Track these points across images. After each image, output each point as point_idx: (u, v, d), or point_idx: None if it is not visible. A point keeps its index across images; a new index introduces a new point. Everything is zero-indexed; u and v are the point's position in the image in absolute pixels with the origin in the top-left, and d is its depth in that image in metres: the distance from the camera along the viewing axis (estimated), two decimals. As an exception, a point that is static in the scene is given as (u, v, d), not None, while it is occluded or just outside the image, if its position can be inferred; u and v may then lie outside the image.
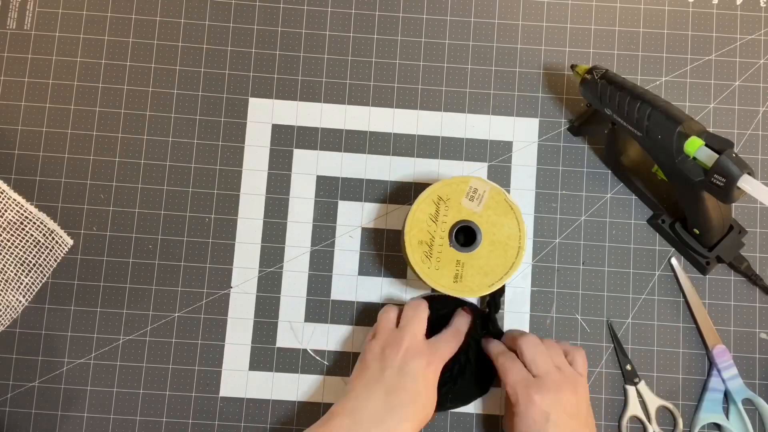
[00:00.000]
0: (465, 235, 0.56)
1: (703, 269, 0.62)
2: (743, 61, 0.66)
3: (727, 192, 0.50)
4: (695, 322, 0.62)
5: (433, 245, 0.55)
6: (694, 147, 0.51)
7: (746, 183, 0.49)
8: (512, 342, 0.56)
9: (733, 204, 0.64)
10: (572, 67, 0.60)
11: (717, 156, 0.50)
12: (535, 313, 0.63)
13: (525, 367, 0.54)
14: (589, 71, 0.58)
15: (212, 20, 0.66)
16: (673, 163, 0.53)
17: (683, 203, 0.58)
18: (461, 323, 0.58)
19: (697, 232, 0.59)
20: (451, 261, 0.55)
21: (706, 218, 0.57)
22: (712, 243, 0.60)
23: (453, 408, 0.60)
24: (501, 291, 0.58)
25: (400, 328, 0.55)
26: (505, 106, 0.65)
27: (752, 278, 0.62)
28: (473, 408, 0.61)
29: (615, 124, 0.57)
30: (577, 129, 0.64)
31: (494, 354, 0.56)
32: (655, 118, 0.53)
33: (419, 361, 0.53)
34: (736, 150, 0.65)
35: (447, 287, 0.55)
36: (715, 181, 0.50)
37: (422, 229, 0.55)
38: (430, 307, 0.58)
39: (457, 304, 0.60)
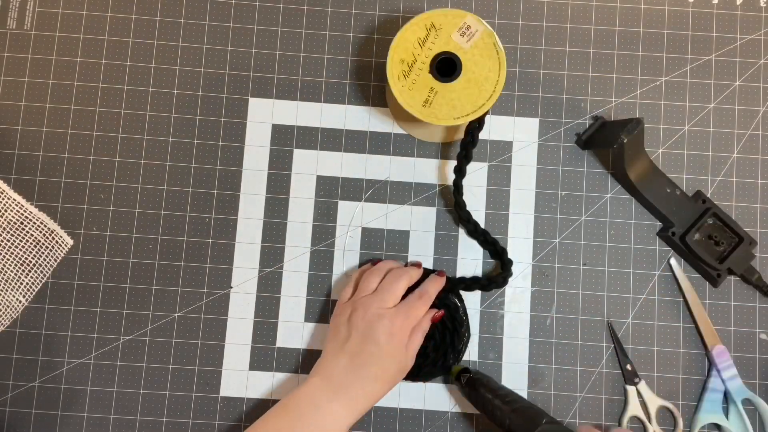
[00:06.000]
0: (445, 67, 0.57)
1: (714, 281, 0.62)
2: (743, 61, 0.66)
3: None
4: (695, 322, 0.62)
5: (413, 67, 0.57)
6: None
7: None
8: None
9: (734, 205, 0.64)
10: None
11: None
12: (535, 313, 0.63)
13: None
14: (459, 374, 0.60)
15: (212, 20, 0.66)
16: None
17: None
18: (430, 286, 0.59)
19: None
20: (425, 86, 0.57)
21: None
22: None
23: (424, 379, 0.62)
24: (478, 126, 0.59)
25: (374, 294, 0.57)
26: (505, 106, 0.65)
27: (764, 290, 0.61)
28: (472, 407, 0.61)
29: (624, 139, 0.57)
30: (584, 142, 0.64)
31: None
32: (514, 420, 0.55)
33: (382, 323, 0.55)
34: (735, 150, 0.65)
35: (415, 109, 0.57)
36: None
37: (407, 49, 0.57)
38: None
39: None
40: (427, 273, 0.61)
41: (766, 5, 0.67)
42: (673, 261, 0.63)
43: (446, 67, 0.57)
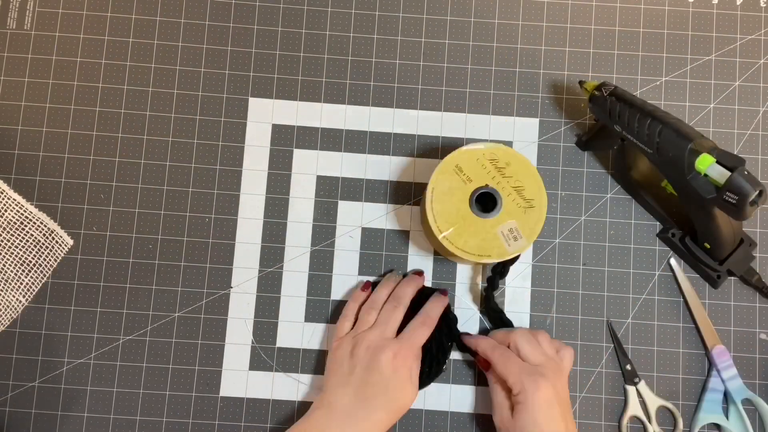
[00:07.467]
0: (486, 200, 0.56)
1: (714, 283, 0.62)
2: (743, 61, 0.66)
3: (739, 209, 0.50)
4: (695, 322, 0.62)
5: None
6: (706, 164, 0.51)
7: None
8: (503, 339, 0.57)
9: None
10: (580, 83, 0.60)
11: (729, 173, 0.50)
12: (535, 313, 0.63)
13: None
14: (598, 87, 0.57)
15: (212, 20, 0.66)
16: (684, 180, 0.53)
17: (694, 218, 0.58)
18: (432, 309, 0.59)
19: (708, 246, 0.59)
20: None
21: (718, 233, 0.57)
22: (723, 257, 0.60)
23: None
24: (506, 265, 0.59)
25: (374, 327, 0.57)
26: (505, 106, 0.65)
27: (764, 291, 0.61)
28: (471, 407, 0.61)
29: (624, 140, 0.57)
30: (584, 144, 0.64)
31: (487, 349, 0.57)
32: (666, 135, 0.53)
33: (386, 354, 0.55)
34: (735, 150, 0.65)
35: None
36: (727, 198, 0.50)
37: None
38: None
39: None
40: (424, 291, 0.61)
41: (766, 5, 0.67)
42: (673, 261, 0.63)
43: (487, 200, 0.56)
